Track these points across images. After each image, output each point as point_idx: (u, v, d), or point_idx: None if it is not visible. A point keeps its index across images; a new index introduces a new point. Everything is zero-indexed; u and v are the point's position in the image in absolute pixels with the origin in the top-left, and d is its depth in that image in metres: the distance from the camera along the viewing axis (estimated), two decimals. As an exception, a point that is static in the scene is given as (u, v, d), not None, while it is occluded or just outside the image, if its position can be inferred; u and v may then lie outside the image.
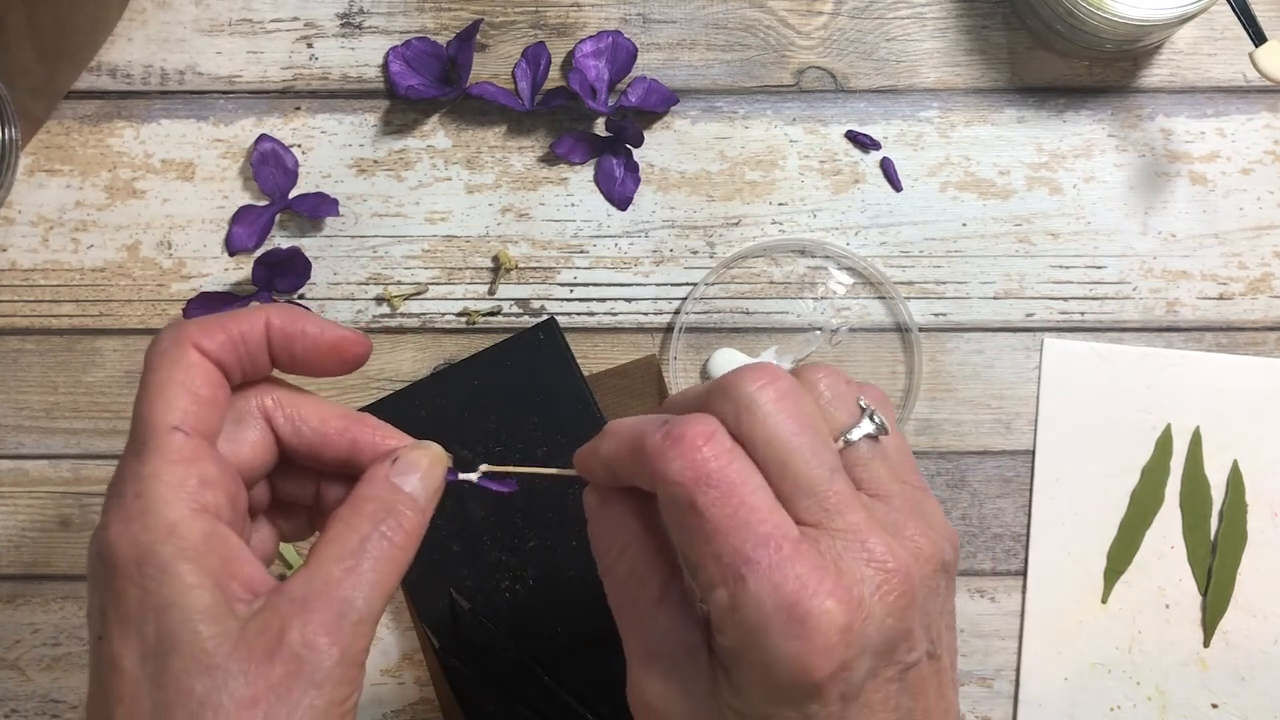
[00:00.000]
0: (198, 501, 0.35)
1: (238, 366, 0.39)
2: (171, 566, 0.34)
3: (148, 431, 0.36)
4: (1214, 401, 0.62)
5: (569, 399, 0.61)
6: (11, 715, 0.62)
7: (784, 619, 0.34)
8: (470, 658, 0.60)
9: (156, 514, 0.35)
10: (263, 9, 0.64)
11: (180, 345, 0.38)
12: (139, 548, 0.35)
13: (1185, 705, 0.61)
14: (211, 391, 0.38)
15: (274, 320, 0.39)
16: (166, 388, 0.37)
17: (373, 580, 0.36)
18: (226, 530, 0.36)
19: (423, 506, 0.39)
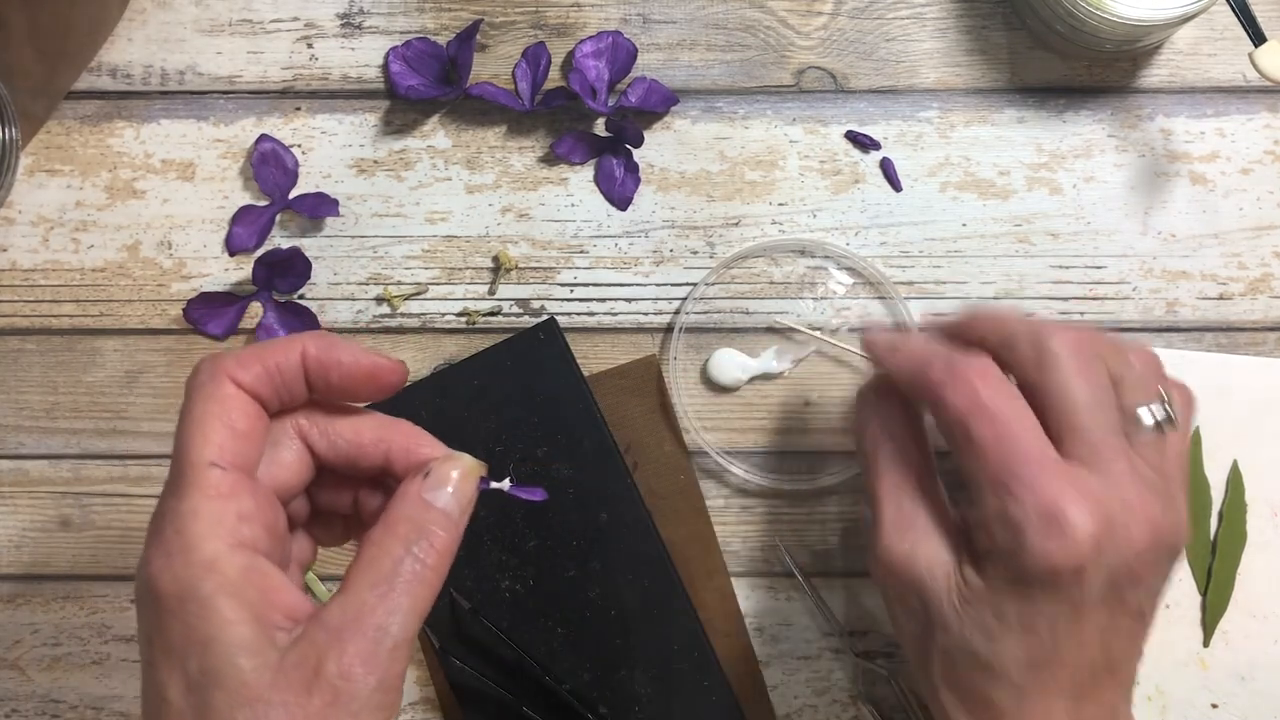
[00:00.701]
0: (235, 536, 0.36)
1: (275, 397, 0.40)
2: (212, 602, 0.35)
3: (186, 466, 0.37)
4: (1214, 401, 0.62)
5: (569, 399, 0.61)
6: (11, 715, 0.62)
7: (1042, 520, 0.40)
8: (470, 658, 0.60)
9: (196, 550, 0.36)
10: (263, 9, 0.64)
11: (217, 379, 0.38)
12: (179, 583, 0.36)
13: (1185, 705, 0.61)
14: (249, 424, 0.38)
15: (310, 350, 0.40)
16: (204, 422, 0.38)
17: (407, 605, 0.37)
18: (264, 562, 0.37)
19: (455, 521, 0.39)
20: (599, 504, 0.60)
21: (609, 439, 0.61)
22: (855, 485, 0.62)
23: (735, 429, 0.63)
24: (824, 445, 0.63)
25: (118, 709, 0.62)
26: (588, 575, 0.60)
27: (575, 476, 0.60)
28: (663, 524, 0.61)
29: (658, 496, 0.61)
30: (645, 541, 0.60)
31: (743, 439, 0.63)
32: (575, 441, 0.61)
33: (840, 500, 0.62)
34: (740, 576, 0.62)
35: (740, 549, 0.62)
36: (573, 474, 0.60)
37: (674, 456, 0.62)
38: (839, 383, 0.63)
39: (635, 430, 0.62)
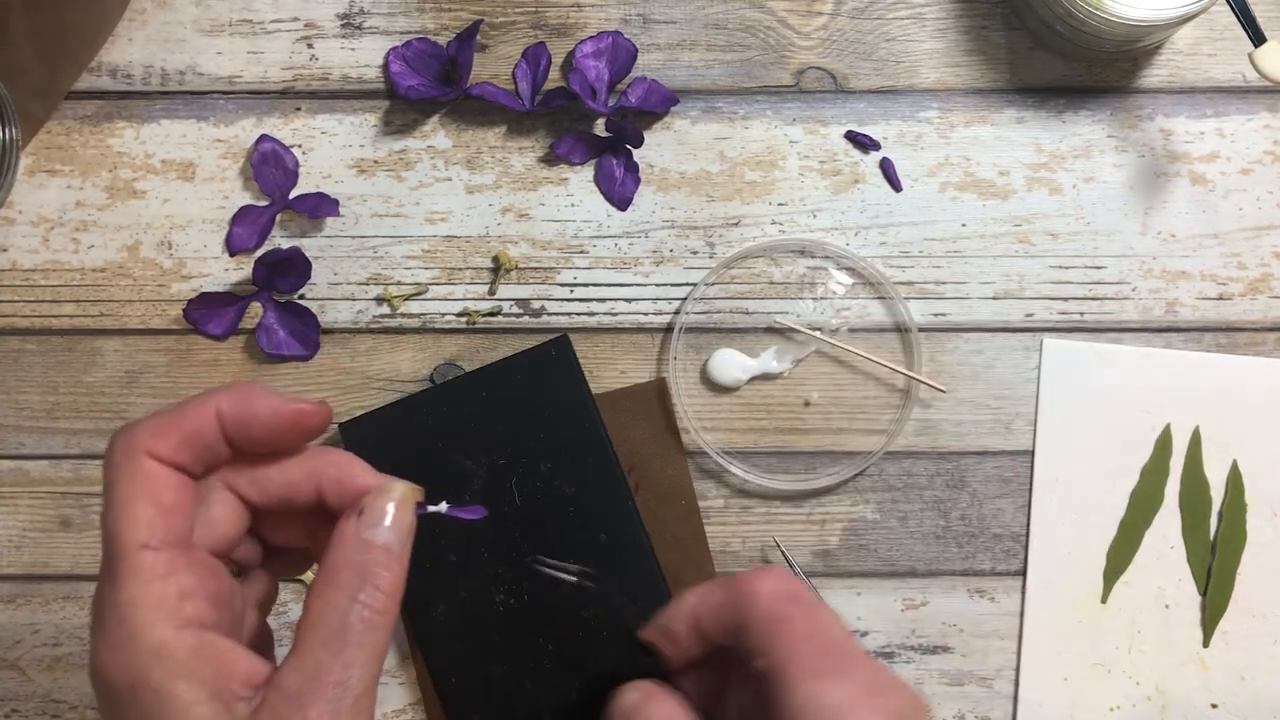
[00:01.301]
0: (179, 617, 0.36)
1: (197, 462, 0.39)
2: (165, 689, 0.35)
3: (118, 553, 0.36)
4: (1214, 401, 0.62)
5: (576, 417, 0.60)
6: (12, 715, 0.62)
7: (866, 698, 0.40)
8: (458, 670, 0.60)
9: (141, 638, 0.35)
10: (263, 9, 0.64)
11: (134, 456, 0.37)
12: (130, 673, 0.35)
13: (1185, 705, 0.61)
14: (174, 496, 0.37)
15: (224, 408, 0.38)
16: (129, 504, 0.37)
17: (362, 657, 0.37)
18: (213, 636, 0.36)
19: (398, 554, 0.38)
20: (599, 524, 0.60)
21: (613, 459, 0.60)
22: (855, 485, 0.63)
23: (735, 429, 0.63)
24: (824, 445, 0.63)
25: (118, 709, 0.62)
26: (583, 594, 0.60)
27: (577, 495, 0.60)
28: (662, 548, 0.61)
29: (658, 520, 0.61)
30: (643, 564, 0.60)
31: (743, 439, 0.63)
32: (579, 460, 0.60)
33: (840, 500, 0.62)
34: (740, 576, 0.62)
35: (740, 549, 0.62)
36: (575, 492, 0.60)
37: (677, 481, 0.62)
38: (839, 383, 0.63)
39: (640, 452, 0.62)
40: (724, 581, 0.45)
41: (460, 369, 0.62)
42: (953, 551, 0.62)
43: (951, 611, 0.62)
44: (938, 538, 0.62)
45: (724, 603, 0.45)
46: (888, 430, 0.62)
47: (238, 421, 0.39)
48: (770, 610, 0.43)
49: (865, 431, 0.62)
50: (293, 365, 0.63)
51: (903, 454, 0.63)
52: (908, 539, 0.62)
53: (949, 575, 0.62)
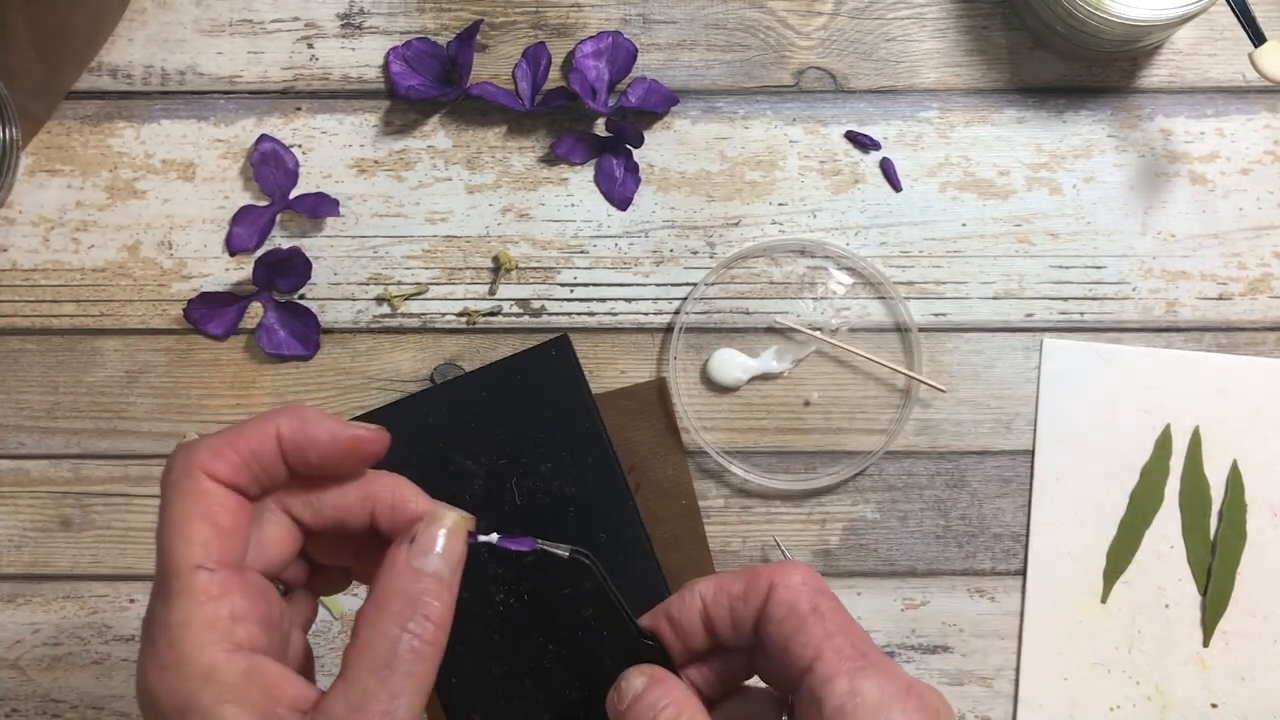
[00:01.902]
0: (231, 640, 0.36)
1: (254, 484, 0.39)
2: (214, 712, 0.35)
3: (172, 573, 0.36)
4: (1214, 401, 0.62)
5: (576, 418, 0.60)
6: (12, 715, 0.62)
7: (904, 696, 0.39)
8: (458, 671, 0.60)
9: (191, 662, 0.35)
10: (263, 9, 0.64)
11: (192, 475, 0.37)
12: (177, 696, 0.35)
13: (1185, 705, 0.61)
14: (231, 519, 0.37)
15: (284, 430, 0.38)
16: (185, 524, 0.37)
17: (410, 686, 0.36)
18: (264, 660, 0.36)
19: (448, 583, 0.39)
20: (599, 524, 0.60)
21: (613, 459, 0.60)
22: (855, 485, 0.63)
23: (735, 429, 0.63)
24: (824, 445, 0.63)
25: (118, 709, 0.62)
26: (583, 594, 0.60)
27: (577, 495, 0.60)
28: (661, 548, 0.61)
29: (658, 520, 0.61)
30: (643, 564, 0.60)
31: (743, 439, 0.63)
32: (579, 460, 0.60)
33: (840, 500, 0.62)
34: (740, 576, 0.62)
35: (740, 549, 0.62)
36: (575, 492, 0.60)
37: (677, 482, 0.62)
38: (839, 383, 0.63)
39: (640, 453, 0.62)
40: (744, 573, 0.43)
41: (460, 369, 0.62)
42: (953, 551, 0.62)
43: (951, 611, 0.62)
44: (938, 537, 0.62)
45: (743, 594, 0.43)
46: (888, 430, 0.62)
47: (296, 445, 0.38)
48: (799, 603, 0.41)
49: (865, 431, 0.62)
50: (293, 365, 0.63)
51: (903, 454, 0.63)
52: (908, 539, 0.62)
53: (949, 575, 0.62)
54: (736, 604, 0.43)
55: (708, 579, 0.44)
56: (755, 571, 0.43)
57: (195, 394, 0.63)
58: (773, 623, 0.42)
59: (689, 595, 0.44)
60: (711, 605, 0.43)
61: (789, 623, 0.41)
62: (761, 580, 0.42)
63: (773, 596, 0.42)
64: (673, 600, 0.45)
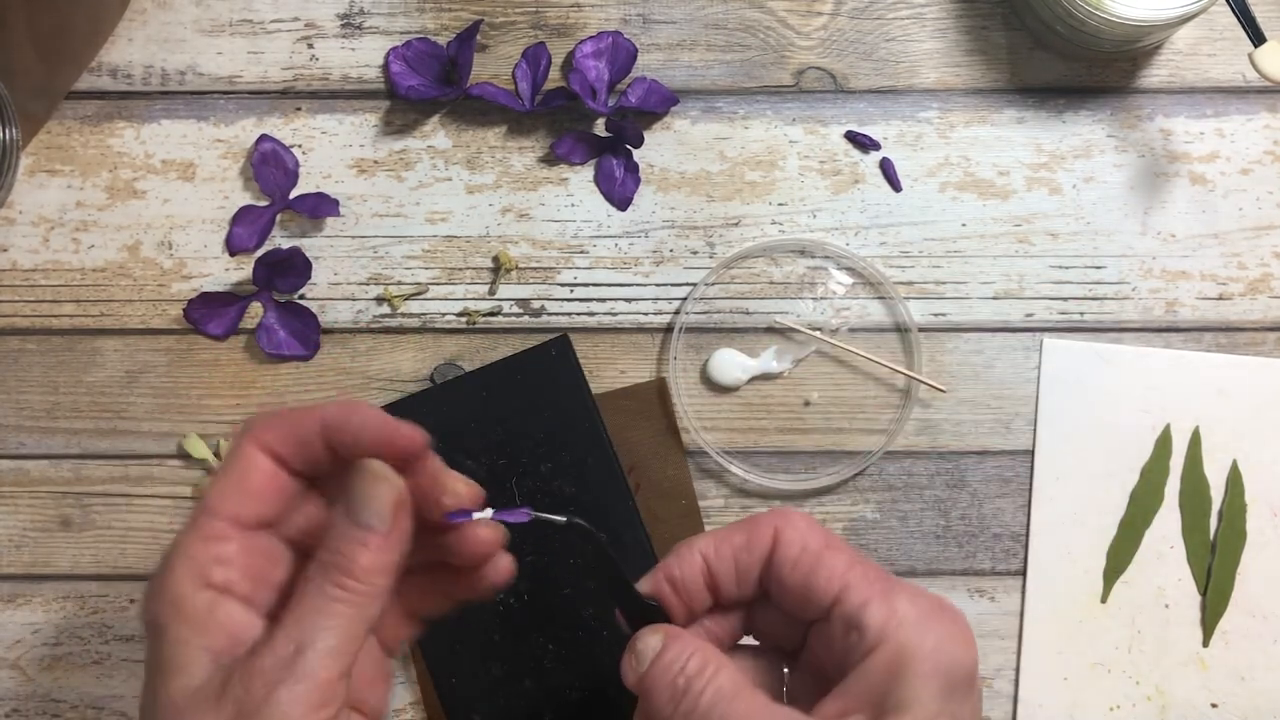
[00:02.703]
0: (204, 578, 0.40)
1: (296, 457, 0.41)
2: (173, 633, 0.39)
3: (196, 510, 0.41)
4: (1214, 401, 0.62)
5: (576, 417, 0.60)
6: (12, 715, 0.62)
7: (938, 611, 0.40)
8: (458, 670, 0.60)
9: (168, 589, 0.39)
10: (263, 9, 0.64)
11: (245, 440, 0.41)
12: (150, 614, 0.40)
13: (1185, 705, 0.61)
14: (260, 482, 0.41)
15: (329, 416, 0.41)
16: (222, 474, 0.41)
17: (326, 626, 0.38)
18: (233, 603, 0.40)
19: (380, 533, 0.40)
20: (599, 524, 0.59)
21: (613, 459, 0.60)
22: (855, 485, 0.63)
23: (735, 429, 0.63)
24: (824, 445, 0.63)
25: (118, 709, 0.62)
26: (583, 594, 0.60)
27: (577, 495, 0.60)
28: (661, 548, 0.61)
29: (659, 520, 0.61)
30: (644, 564, 0.60)
31: (743, 439, 0.63)
32: (579, 460, 0.60)
33: (840, 500, 0.62)
34: (740, 576, 0.62)
35: (740, 549, 0.62)
36: (575, 492, 0.60)
37: (677, 481, 0.62)
38: (839, 383, 0.63)
39: (640, 453, 0.62)
40: (743, 524, 0.43)
41: (460, 369, 0.62)
42: (953, 551, 0.62)
43: (951, 611, 0.62)
44: (938, 537, 0.62)
45: (746, 544, 0.43)
46: (888, 430, 0.62)
47: (335, 429, 0.41)
48: (811, 541, 0.42)
49: (865, 431, 0.63)
50: (293, 365, 0.63)
51: (903, 454, 0.63)
52: (908, 539, 0.62)
53: (949, 575, 0.62)
54: (741, 555, 0.43)
55: (704, 535, 0.44)
56: (754, 520, 0.43)
57: (195, 394, 0.63)
58: (785, 565, 0.42)
59: (689, 554, 0.43)
60: (714, 560, 0.43)
61: (804, 561, 0.42)
62: (764, 528, 0.43)
63: (781, 540, 0.42)
64: (671, 561, 0.44)
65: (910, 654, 0.39)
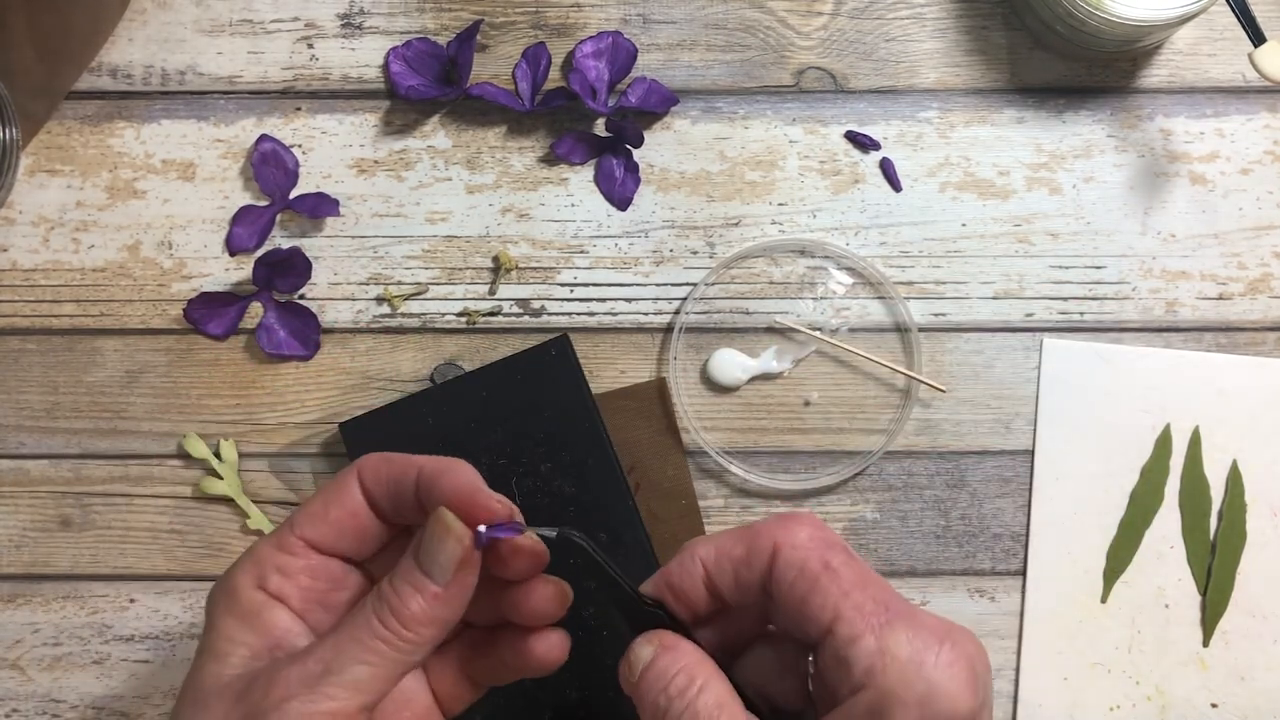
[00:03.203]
0: (260, 581, 0.41)
1: (388, 501, 0.42)
2: (219, 620, 0.41)
3: (285, 520, 0.42)
4: (1214, 401, 0.62)
5: (576, 417, 0.60)
6: (12, 715, 0.62)
7: (938, 647, 0.37)
8: None
9: (229, 578, 0.41)
10: (263, 9, 0.64)
11: (351, 468, 0.42)
12: (210, 603, 0.42)
13: (1185, 705, 0.61)
14: (342, 513, 0.42)
15: (424, 470, 0.41)
16: (317, 495, 0.42)
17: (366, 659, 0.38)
18: (281, 609, 0.41)
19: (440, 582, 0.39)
20: (599, 523, 0.60)
21: (613, 459, 0.60)
22: (855, 485, 0.63)
23: (735, 429, 0.63)
24: (824, 445, 0.63)
25: (118, 709, 0.62)
26: (583, 594, 0.60)
27: (577, 495, 0.60)
28: (661, 548, 0.61)
29: (658, 520, 0.61)
30: (643, 564, 0.60)
31: (743, 439, 0.63)
32: (579, 460, 0.60)
33: (840, 500, 0.62)
34: (740, 576, 0.62)
35: (740, 549, 0.62)
36: (575, 492, 0.60)
37: (677, 481, 0.62)
38: (839, 383, 0.63)
39: (640, 452, 0.62)
40: (744, 532, 0.41)
41: (460, 369, 0.62)
42: (953, 551, 0.62)
43: (951, 611, 0.62)
44: (938, 537, 0.62)
45: (746, 558, 0.40)
46: (888, 430, 0.62)
47: (426, 484, 0.41)
48: (808, 562, 0.39)
49: (865, 431, 0.63)
50: (293, 365, 0.63)
51: (903, 454, 0.63)
52: (908, 539, 0.62)
53: (949, 575, 0.62)
54: (740, 568, 0.41)
55: (706, 541, 0.42)
56: (756, 531, 0.40)
57: (195, 394, 0.63)
58: (783, 585, 0.39)
59: (689, 561, 0.42)
60: (714, 570, 0.41)
61: (800, 585, 0.39)
62: (764, 541, 0.40)
63: (779, 558, 0.40)
64: (672, 567, 0.42)
65: (893, 702, 0.36)
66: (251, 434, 0.63)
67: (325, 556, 0.42)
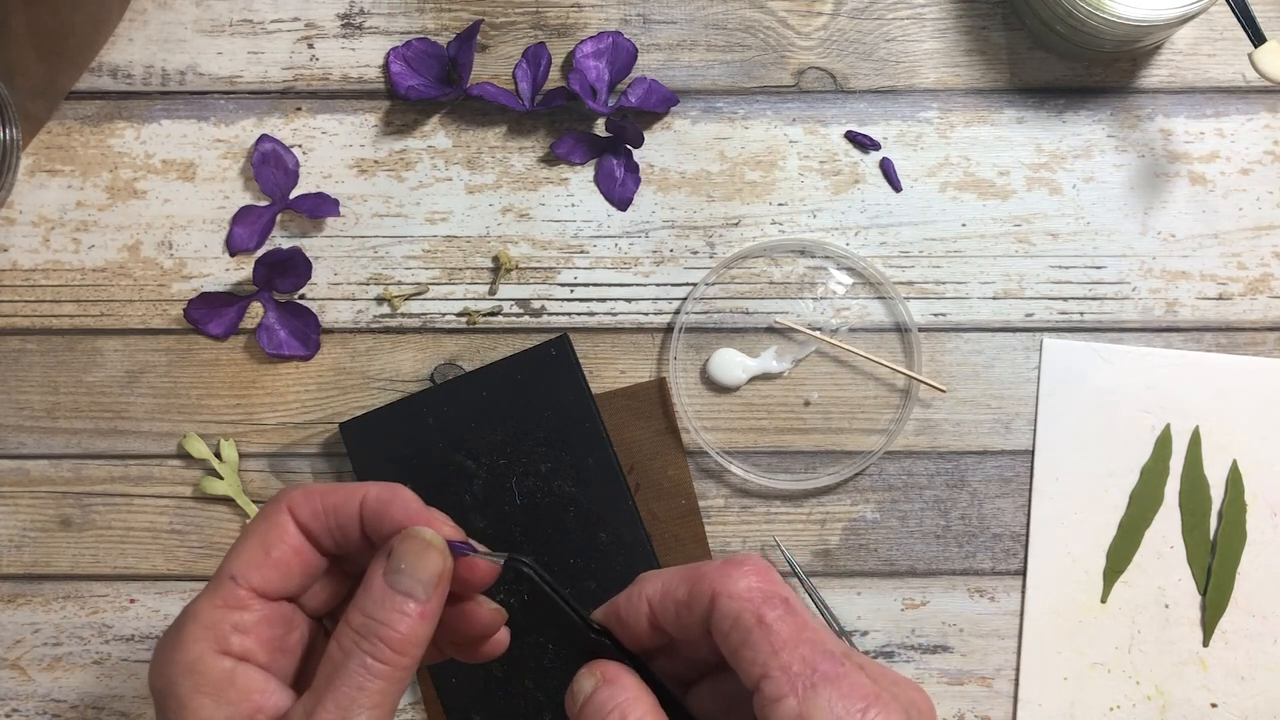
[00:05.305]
0: (222, 645, 0.39)
1: (326, 535, 0.40)
2: (189, 700, 0.38)
3: (215, 574, 0.40)
4: (1213, 401, 0.62)
5: (576, 417, 0.60)
6: (12, 715, 0.62)
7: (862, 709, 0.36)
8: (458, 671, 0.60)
9: (182, 651, 0.38)
10: (263, 10, 0.64)
11: (278, 505, 0.40)
12: (165, 680, 0.38)
13: (1185, 705, 0.61)
14: (286, 553, 0.40)
15: (369, 499, 0.40)
16: (246, 539, 0.40)
17: (363, 701, 0.37)
18: (251, 668, 0.39)
19: (421, 600, 0.38)
20: (599, 523, 0.60)
21: (613, 459, 0.60)
22: (855, 485, 0.63)
23: (735, 429, 0.63)
24: (824, 445, 0.63)
25: (118, 709, 0.62)
26: (583, 594, 0.60)
27: (577, 494, 0.60)
28: (661, 548, 0.61)
29: (658, 520, 0.61)
30: (643, 564, 0.60)
31: (743, 439, 0.63)
32: (580, 459, 0.60)
33: (840, 500, 0.62)
34: (740, 576, 0.62)
35: (740, 549, 0.62)
36: (575, 492, 0.60)
37: (677, 482, 0.62)
38: (839, 383, 0.63)
39: (640, 453, 0.62)
40: (689, 573, 0.40)
41: (460, 369, 0.62)
42: (953, 551, 0.62)
43: (951, 611, 0.62)
44: (938, 537, 0.62)
45: (687, 601, 0.40)
46: (888, 430, 0.62)
47: (374, 514, 0.40)
48: (743, 615, 0.38)
49: (865, 431, 0.63)
50: (293, 365, 0.63)
51: (903, 454, 0.63)
52: (908, 539, 0.62)
53: (949, 575, 0.62)
54: (681, 610, 0.40)
55: (655, 577, 0.41)
56: (699, 575, 0.40)
57: (195, 394, 0.63)
58: (719, 634, 0.39)
59: (636, 598, 0.42)
60: (658, 609, 0.41)
61: (734, 636, 0.38)
62: (704, 586, 0.39)
63: (716, 608, 0.39)
64: (620, 600, 0.42)
65: None
66: (251, 434, 0.63)
67: (275, 601, 0.40)
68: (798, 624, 0.38)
